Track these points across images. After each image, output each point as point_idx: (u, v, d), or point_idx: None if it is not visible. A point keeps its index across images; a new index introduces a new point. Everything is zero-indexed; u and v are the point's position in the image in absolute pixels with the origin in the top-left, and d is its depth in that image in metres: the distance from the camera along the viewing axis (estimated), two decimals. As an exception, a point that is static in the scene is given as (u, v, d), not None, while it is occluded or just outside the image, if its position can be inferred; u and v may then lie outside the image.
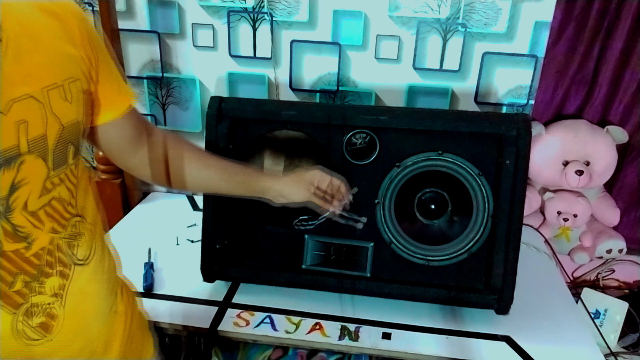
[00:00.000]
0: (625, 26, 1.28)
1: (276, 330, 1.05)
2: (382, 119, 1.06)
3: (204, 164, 0.89)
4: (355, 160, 1.07)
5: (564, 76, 1.36)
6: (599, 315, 1.32)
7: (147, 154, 0.84)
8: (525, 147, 1.02)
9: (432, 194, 1.09)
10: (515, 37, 1.35)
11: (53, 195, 0.65)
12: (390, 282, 1.09)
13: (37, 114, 0.60)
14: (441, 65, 1.40)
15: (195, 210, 1.54)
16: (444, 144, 1.04)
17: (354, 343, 1.04)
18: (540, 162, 1.39)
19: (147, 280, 1.18)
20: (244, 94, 1.50)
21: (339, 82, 1.45)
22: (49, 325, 0.66)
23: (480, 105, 1.43)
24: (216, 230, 1.12)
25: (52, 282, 0.66)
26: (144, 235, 1.37)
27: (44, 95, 0.61)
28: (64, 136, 0.64)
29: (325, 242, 1.10)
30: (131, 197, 1.55)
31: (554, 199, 1.42)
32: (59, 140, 0.63)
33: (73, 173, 0.67)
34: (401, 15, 1.36)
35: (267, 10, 1.39)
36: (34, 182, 0.62)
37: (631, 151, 1.41)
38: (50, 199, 0.65)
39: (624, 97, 1.36)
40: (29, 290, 0.64)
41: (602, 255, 1.45)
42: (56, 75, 0.63)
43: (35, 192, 0.63)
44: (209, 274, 1.15)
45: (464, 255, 1.07)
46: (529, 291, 1.16)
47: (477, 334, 1.07)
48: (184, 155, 0.87)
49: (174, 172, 0.86)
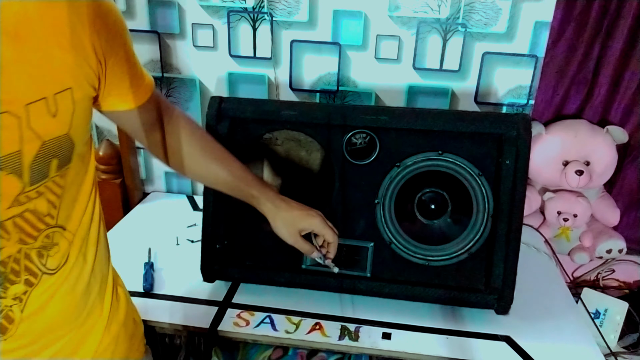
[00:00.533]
0: (625, 26, 1.28)
1: (276, 330, 1.05)
2: (382, 119, 1.06)
3: (217, 160, 0.90)
4: (355, 160, 1.07)
5: (564, 76, 1.36)
6: (599, 315, 1.32)
7: (161, 140, 0.84)
8: (525, 147, 1.02)
9: (432, 194, 1.09)
10: (515, 37, 1.35)
11: (27, 208, 0.62)
12: (390, 282, 1.09)
13: (12, 130, 0.56)
14: (441, 65, 1.40)
15: (195, 210, 1.54)
16: (444, 144, 1.04)
17: (354, 343, 1.04)
18: (540, 162, 1.39)
19: (147, 280, 1.17)
20: (244, 94, 1.50)
21: (339, 82, 1.45)
22: (5, 327, 0.65)
23: (480, 105, 1.43)
24: (216, 230, 1.12)
25: (15, 289, 0.64)
26: (144, 235, 1.37)
27: (24, 110, 0.56)
28: (46, 151, 0.60)
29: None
30: (131, 197, 1.55)
31: (554, 199, 1.42)
32: (37, 156, 0.59)
33: (58, 184, 0.64)
34: (401, 15, 1.36)
35: (267, 10, 1.39)
36: (4, 196, 0.59)
37: (631, 151, 1.40)
38: (23, 211, 0.62)
39: (624, 97, 1.36)
40: None
41: (602, 255, 1.45)
42: (42, 88, 0.58)
43: (4, 204, 0.60)
44: (209, 274, 1.15)
45: (464, 255, 1.07)
46: (529, 291, 1.16)
47: (477, 334, 1.07)
48: (199, 149, 0.87)
49: (188, 163, 0.87)
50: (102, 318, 0.78)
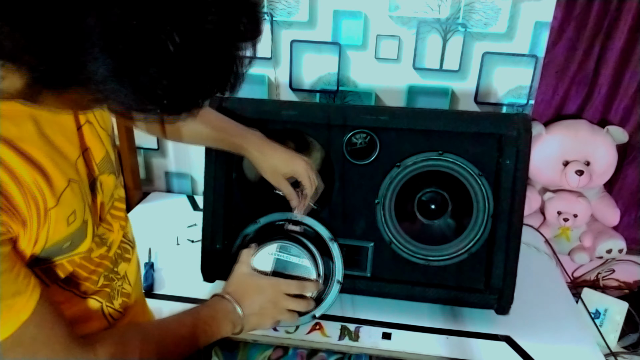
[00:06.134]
0: (625, 26, 1.28)
1: (276, 330, 1.05)
2: (382, 119, 1.06)
3: (203, 120, 0.93)
4: (356, 160, 1.07)
5: (564, 76, 1.36)
6: (599, 315, 1.32)
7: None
8: (526, 147, 1.02)
9: (432, 194, 1.09)
10: (515, 37, 1.35)
11: (114, 197, 0.73)
12: (390, 282, 1.09)
13: (94, 136, 0.66)
14: (441, 65, 1.40)
15: (196, 210, 1.54)
16: (444, 144, 1.04)
17: (354, 343, 1.04)
18: (540, 162, 1.39)
19: (147, 280, 1.18)
20: (244, 93, 1.48)
21: (339, 82, 1.45)
22: (127, 304, 0.76)
23: (480, 105, 1.44)
24: (216, 230, 1.12)
25: (121, 268, 0.75)
26: (144, 235, 1.37)
27: (93, 117, 0.67)
28: (112, 143, 0.73)
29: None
30: (131, 197, 1.54)
31: (554, 199, 1.42)
32: (113, 150, 0.72)
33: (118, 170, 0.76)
34: (401, 15, 1.36)
35: (267, 10, 1.39)
36: (107, 193, 0.70)
37: (631, 151, 1.41)
38: (113, 202, 0.73)
39: (624, 97, 1.36)
40: (108, 281, 0.71)
41: (602, 255, 1.45)
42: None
43: (107, 202, 0.71)
44: (209, 274, 1.15)
45: (464, 255, 1.07)
46: (529, 291, 1.16)
47: (477, 334, 1.07)
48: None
49: (168, 127, 0.92)
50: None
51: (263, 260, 0.91)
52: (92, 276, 0.67)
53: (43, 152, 0.54)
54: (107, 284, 0.71)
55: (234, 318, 0.81)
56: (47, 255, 0.58)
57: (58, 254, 0.59)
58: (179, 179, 1.65)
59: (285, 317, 0.88)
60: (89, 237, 0.63)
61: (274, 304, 0.86)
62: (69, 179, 0.58)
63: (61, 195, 0.56)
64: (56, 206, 0.55)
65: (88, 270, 0.66)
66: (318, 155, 1.12)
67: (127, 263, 0.77)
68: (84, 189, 0.62)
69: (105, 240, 0.70)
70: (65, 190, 0.57)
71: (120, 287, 0.74)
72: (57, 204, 0.55)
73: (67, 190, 0.57)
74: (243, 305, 0.82)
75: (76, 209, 0.59)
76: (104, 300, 0.70)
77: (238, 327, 0.82)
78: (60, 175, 0.56)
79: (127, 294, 0.76)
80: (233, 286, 0.86)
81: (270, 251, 0.91)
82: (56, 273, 0.61)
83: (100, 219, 0.68)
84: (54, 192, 0.55)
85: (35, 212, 0.53)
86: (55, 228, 0.56)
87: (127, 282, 0.76)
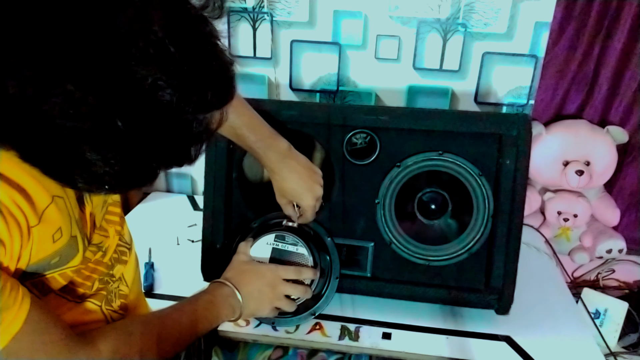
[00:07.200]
0: (625, 26, 1.28)
1: (276, 330, 1.05)
2: (382, 119, 1.06)
3: (235, 110, 0.88)
4: (356, 160, 1.07)
5: (564, 76, 1.36)
6: (599, 315, 1.32)
7: None
8: (526, 147, 1.02)
9: (433, 194, 1.08)
10: (515, 37, 1.35)
11: (107, 202, 0.73)
12: (390, 282, 1.09)
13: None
14: (441, 65, 1.40)
15: (196, 210, 1.54)
16: (444, 144, 1.04)
17: (354, 343, 1.04)
18: (540, 162, 1.39)
19: (147, 280, 1.18)
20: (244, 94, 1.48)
21: (339, 82, 1.45)
22: (124, 305, 0.76)
23: (480, 105, 1.43)
24: (216, 230, 1.12)
25: (117, 270, 0.74)
26: (144, 235, 1.37)
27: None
28: None
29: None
30: (131, 197, 1.55)
31: (554, 199, 1.42)
32: None
33: None
34: (401, 15, 1.36)
35: (267, 10, 1.39)
36: (98, 204, 0.70)
37: (631, 151, 1.40)
38: (108, 206, 0.73)
39: (624, 97, 1.36)
40: (103, 284, 0.71)
41: (602, 255, 1.45)
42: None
43: (100, 211, 0.70)
44: (209, 273, 1.14)
45: (464, 255, 1.07)
46: (529, 291, 1.16)
47: (477, 334, 1.07)
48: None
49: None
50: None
51: (260, 249, 0.95)
52: (86, 282, 0.67)
53: (22, 169, 0.52)
54: (102, 287, 0.70)
55: (233, 302, 0.82)
56: (35, 270, 0.57)
57: (47, 269, 0.59)
58: (179, 179, 1.65)
59: (283, 304, 0.88)
60: (80, 252, 0.62)
61: (272, 289, 0.86)
62: (52, 195, 0.57)
63: (43, 213, 0.55)
64: (38, 224, 0.54)
65: (82, 277, 0.66)
66: (318, 155, 1.12)
67: (123, 265, 0.76)
68: (70, 203, 0.61)
69: (101, 246, 0.69)
70: (49, 208, 0.56)
71: (116, 289, 0.74)
72: (40, 222, 0.55)
73: (51, 207, 0.56)
74: (242, 290, 0.83)
75: (62, 226, 0.58)
76: (101, 302, 0.70)
77: (237, 312, 0.82)
78: (42, 192, 0.55)
79: (125, 295, 0.76)
80: (232, 272, 0.87)
81: (267, 241, 0.95)
82: (48, 285, 0.60)
83: (94, 226, 0.68)
84: (35, 210, 0.54)
85: (17, 231, 0.52)
86: (39, 246, 0.55)
87: (123, 284, 0.76)
